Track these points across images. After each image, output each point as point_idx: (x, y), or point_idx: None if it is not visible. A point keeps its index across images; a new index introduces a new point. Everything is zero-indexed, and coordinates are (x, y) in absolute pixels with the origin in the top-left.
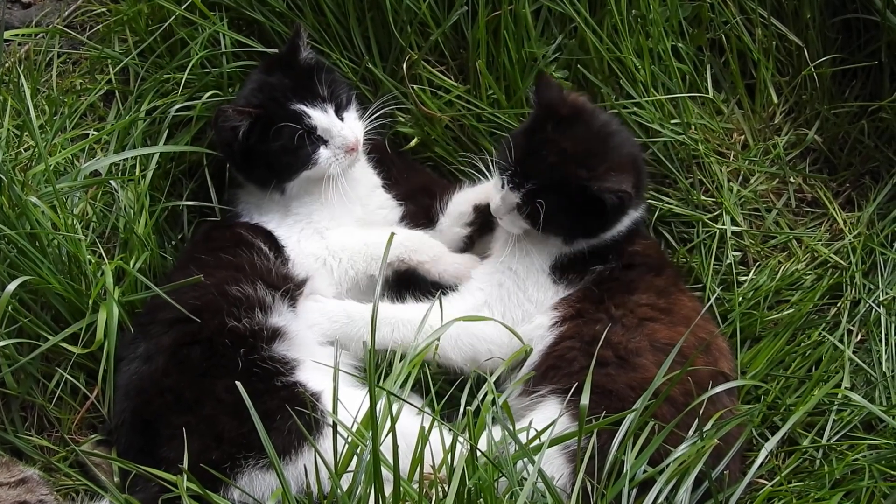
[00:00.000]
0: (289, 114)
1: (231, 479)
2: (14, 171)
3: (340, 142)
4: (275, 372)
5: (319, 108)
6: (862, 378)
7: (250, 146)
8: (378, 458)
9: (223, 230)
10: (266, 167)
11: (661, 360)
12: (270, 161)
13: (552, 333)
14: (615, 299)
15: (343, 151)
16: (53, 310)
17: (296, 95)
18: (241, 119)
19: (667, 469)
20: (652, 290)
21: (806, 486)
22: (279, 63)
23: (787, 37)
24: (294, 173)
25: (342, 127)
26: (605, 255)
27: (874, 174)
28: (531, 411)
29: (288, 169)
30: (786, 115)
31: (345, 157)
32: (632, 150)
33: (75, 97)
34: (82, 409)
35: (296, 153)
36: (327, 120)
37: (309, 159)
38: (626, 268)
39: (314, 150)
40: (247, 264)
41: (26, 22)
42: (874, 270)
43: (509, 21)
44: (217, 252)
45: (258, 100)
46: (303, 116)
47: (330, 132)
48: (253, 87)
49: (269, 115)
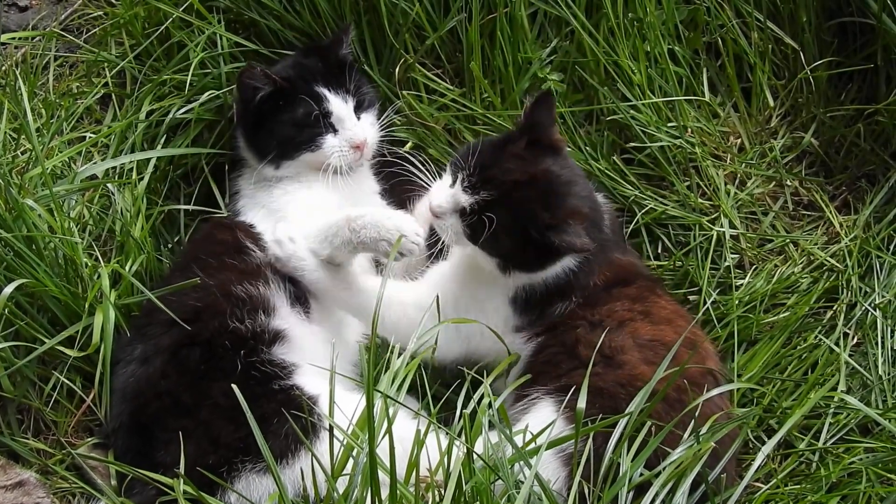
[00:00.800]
0: (311, 92)
1: (228, 482)
2: (11, 175)
3: (349, 135)
4: (273, 375)
5: (341, 97)
6: (858, 381)
7: (265, 112)
8: (374, 461)
9: (225, 229)
10: (271, 136)
11: (646, 356)
12: (278, 132)
13: (531, 344)
14: (588, 310)
15: (349, 146)
16: (50, 313)
17: (323, 79)
18: (265, 83)
19: (663, 472)
20: (625, 297)
21: (802, 490)
22: (318, 50)
23: (783, 40)
24: (296, 151)
25: (356, 122)
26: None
27: (870, 177)
28: (526, 414)
29: (291, 144)
30: (782, 118)
31: (349, 152)
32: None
33: (72, 100)
34: (79, 412)
35: (303, 131)
36: (345, 110)
37: (314, 141)
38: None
39: (322, 134)
40: (250, 263)
41: (23, 25)
42: (870, 273)
43: (505, 24)
44: (220, 253)
45: (287, 74)
46: (322, 99)
47: (343, 122)
48: (286, 63)
49: (293, 89)
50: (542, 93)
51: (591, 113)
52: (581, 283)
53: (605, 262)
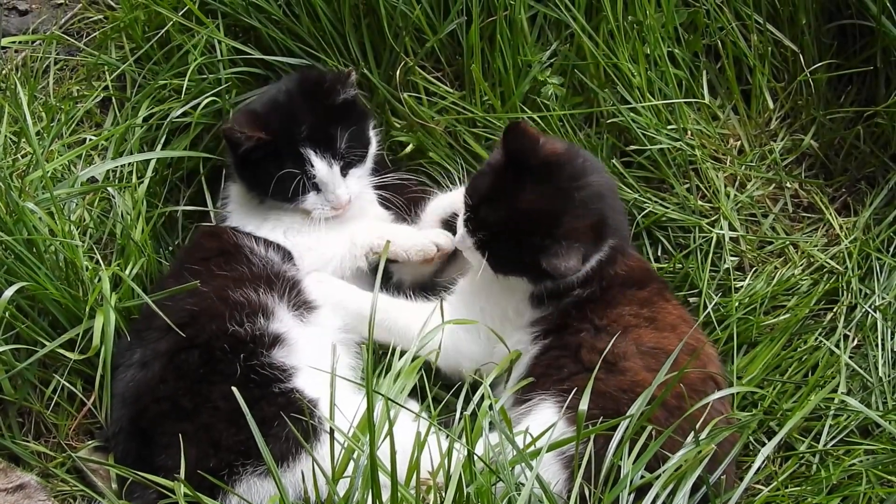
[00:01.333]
0: (295, 154)
1: (229, 486)
2: (11, 178)
3: (332, 198)
4: (273, 378)
5: (327, 161)
6: (858, 383)
7: (251, 158)
8: (375, 463)
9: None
10: (256, 179)
11: (648, 363)
12: (263, 180)
13: (536, 345)
14: (597, 313)
15: (330, 206)
16: (50, 316)
17: (310, 137)
18: (248, 141)
19: (664, 475)
20: (634, 302)
21: (802, 492)
22: (312, 92)
23: (782, 42)
24: (280, 201)
25: (338, 185)
26: (584, 281)
27: (870, 179)
28: (526, 417)
29: (276, 195)
30: (781, 120)
31: (330, 211)
32: (597, 206)
33: (72, 104)
34: (79, 415)
35: (287, 186)
36: (329, 176)
37: (296, 198)
38: (606, 287)
39: (304, 192)
40: (248, 268)
41: (23, 29)
42: (870, 275)
43: (504, 27)
44: (216, 256)
45: (274, 123)
46: (306, 162)
47: (326, 186)
48: (275, 103)
49: (277, 145)
50: (510, 125)
51: (591, 115)
52: (603, 272)
53: (621, 247)
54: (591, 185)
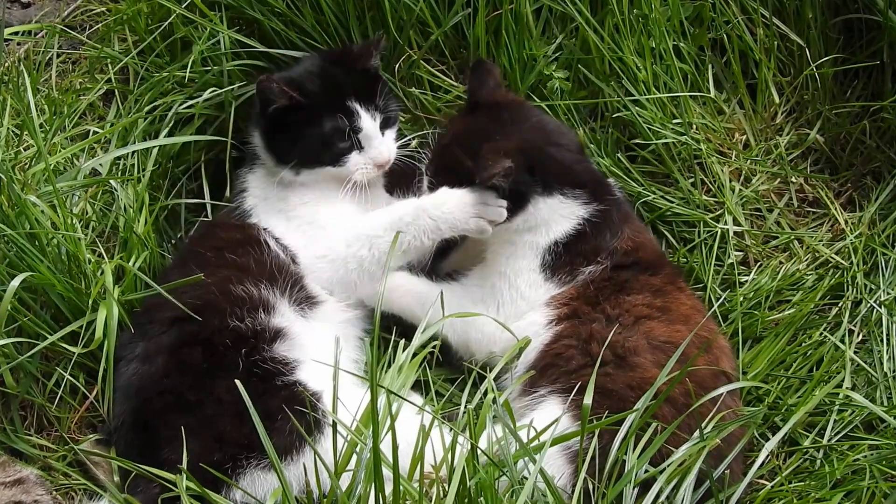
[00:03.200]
0: (342, 107)
1: (233, 479)
2: (14, 171)
3: (375, 153)
4: (276, 372)
5: (371, 114)
6: (863, 378)
7: (287, 121)
8: (378, 456)
9: (230, 228)
10: (293, 145)
11: (659, 358)
12: (302, 143)
13: (548, 331)
14: (610, 300)
15: (373, 164)
16: (53, 309)
17: (354, 93)
18: (281, 98)
19: (667, 469)
20: (647, 289)
21: (806, 487)
22: (345, 58)
23: (788, 37)
24: (318, 164)
25: (382, 141)
26: (590, 253)
27: (875, 174)
28: (532, 411)
29: (315, 157)
30: (787, 115)
31: (372, 170)
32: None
33: (75, 97)
34: (82, 408)
35: (330, 147)
36: (373, 128)
37: (339, 158)
38: (618, 268)
39: (348, 152)
40: (252, 263)
41: (26, 21)
42: (875, 271)
43: (510, 21)
44: (220, 250)
45: (312, 86)
46: (354, 114)
47: (370, 141)
48: (313, 70)
49: (319, 103)
50: (475, 62)
51: (596, 109)
52: (603, 241)
53: (623, 217)
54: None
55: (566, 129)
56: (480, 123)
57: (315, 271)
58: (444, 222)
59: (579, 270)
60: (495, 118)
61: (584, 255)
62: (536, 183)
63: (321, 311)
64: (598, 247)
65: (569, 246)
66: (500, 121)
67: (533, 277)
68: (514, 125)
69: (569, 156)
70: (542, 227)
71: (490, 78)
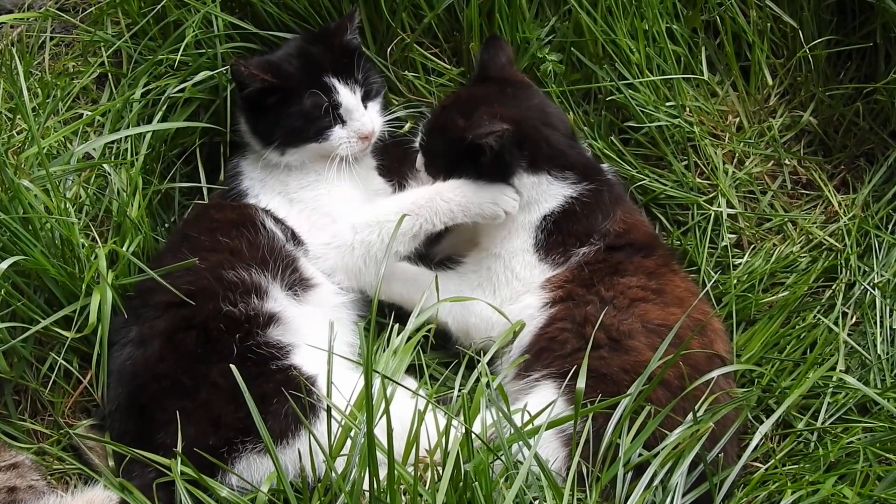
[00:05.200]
0: (320, 84)
1: (229, 463)
2: (6, 155)
3: (358, 126)
4: (270, 357)
5: (349, 88)
6: (857, 361)
7: (267, 103)
8: (373, 440)
9: (224, 209)
10: (276, 125)
11: (653, 341)
12: (284, 122)
13: (543, 314)
14: (604, 282)
15: (357, 137)
16: (47, 293)
17: (332, 69)
18: (252, 82)
19: (661, 452)
20: (642, 271)
21: (800, 469)
22: (323, 36)
23: (781, 18)
24: (302, 142)
25: (363, 113)
26: (582, 234)
27: (869, 156)
28: (526, 395)
29: (297, 135)
30: (780, 97)
31: (357, 143)
32: (527, 114)
33: (68, 80)
34: (76, 392)
35: (312, 123)
36: (353, 101)
37: (322, 133)
38: (611, 249)
39: (330, 126)
40: (245, 246)
41: (19, 5)
42: (869, 253)
43: (503, 3)
44: (213, 232)
45: (288, 67)
46: (332, 90)
47: (351, 114)
48: (290, 51)
49: (296, 82)
50: (490, 37)
51: (590, 92)
52: (594, 222)
53: (615, 199)
54: (533, 103)
55: (564, 116)
56: (484, 92)
57: (320, 257)
58: (458, 206)
59: (572, 251)
60: (500, 91)
61: (577, 236)
62: (523, 158)
63: (315, 295)
64: (589, 227)
65: (560, 225)
66: (504, 94)
67: (527, 258)
68: (516, 100)
69: (562, 140)
70: (531, 204)
71: (502, 54)
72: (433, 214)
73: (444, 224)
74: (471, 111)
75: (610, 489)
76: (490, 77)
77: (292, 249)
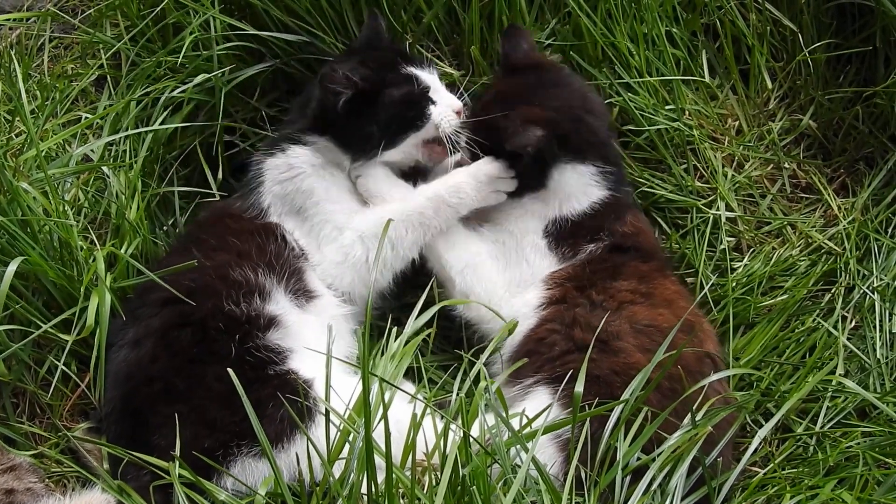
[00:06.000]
0: (403, 76)
1: (224, 466)
2: (5, 157)
3: (449, 100)
4: (268, 361)
5: (427, 70)
6: (856, 365)
7: (353, 113)
8: (371, 444)
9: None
10: (371, 127)
11: (642, 342)
12: (380, 120)
13: (536, 315)
14: (597, 286)
15: (451, 110)
16: (45, 296)
17: (405, 61)
18: (347, 86)
19: (660, 457)
20: (635, 275)
21: (799, 473)
22: (368, 43)
23: (781, 22)
24: (405, 132)
25: (445, 90)
26: (594, 230)
27: (868, 160)
28: (521, 402)
29: (400, 127)
30: (780, 100)
31: (454, 117)
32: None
33: (67, 82)
34: (74, 395)
35: (411, 109)
36: (436, 82)
37: (422, 115)
38: (616, 250)
39: (427, 108)
40: (254, 250)
41: (18, 6)
42: (868, 256)
43: (503, 6)
44: (226, 236)
45: (365, 71)
46: (416, 78)
47: (438, 93)
48: (355, 61)
49: (379, 83)
50: (507, 27)
51: None
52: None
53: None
54: (570, 87)
55: (604, 104)
56: (521, 86)
57: (336, 276)
58: (463, 206)
59: (582, 247)
60: (537, 81)
61: (589, 231)
62: (566, 154)
63: (317, 305)
64: (602, 224)
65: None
66: (541, 84)
67: (539, 242)
68: (556, 89)
69: (604, 130)
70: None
71: (524, 41)
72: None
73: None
74: (509, 110)
75: (608, 493)
76: (519, 66)
77: (300, 260)
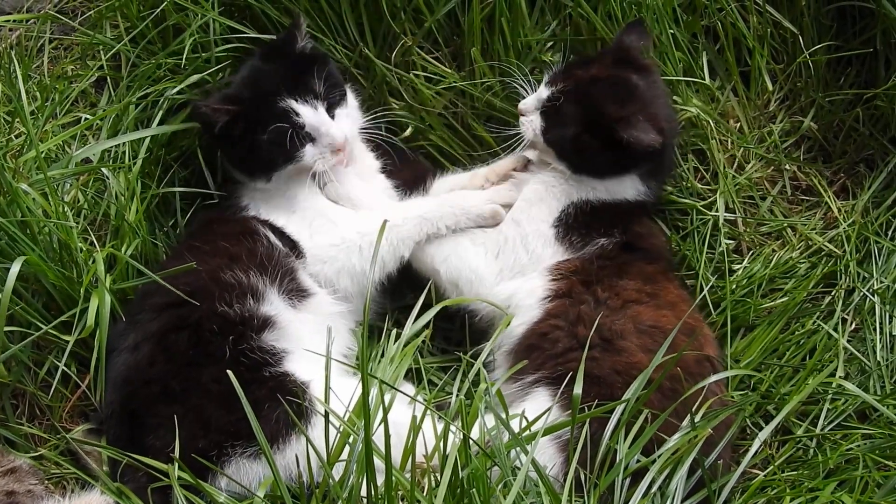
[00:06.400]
0: (277, 110)
1: (218, 468)
2: (5, 158)
3: (328, 140)
4: (263, 362)
5: (310, 104)
6: (856, 367)
7: (235, 135)
8: (370, 447)
9: (227, 222)
10: (250, 156)
11: (645, 342)
12: (255, 152)
13: (540, 307)
14: (603, 283)
15: (329, 151)
16: (45, 297)
17: (287, 90)
18: (217, 116)
19: (659, 459)
20: (640, 276)
21: (799, 476)
22: (276, 51)
23: (781, 24)
24: (278, 167)
25: (330, 126)
26: (609, 225)
27: (869, 162)
28: (521, 402)
29: (271, 162)
30: (780, 102)
31: (331, 157)
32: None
33: (67, 83)
34: (73, 397)
35: (280, 148)
36: (316, 118)
37: (293, 156)
38: (625, 248)
39: (300, 147)
40: (245, 253)
41: (18, 7)
42: (868, 259)
43: (503, 8)
44: (216, 241)
45: (246, 93)
46: (290, 114)
47: (318, 130)
48: (244, 77)
49: (255, 110)
50: (635, 20)
51: None
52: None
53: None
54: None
55: None
56: (635, 83)
57: (326, 261)
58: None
59: (592, 239)
60: (648, 86)
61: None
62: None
63: (311, 304)
64: (617, 220)
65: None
66: (652, 91)
67: (546, 230)
68: (661, 100)
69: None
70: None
71: (644, 40)
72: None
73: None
74: (624, 102)
75: (608, 495)
76: (632, 62)
77: (291, 260)
